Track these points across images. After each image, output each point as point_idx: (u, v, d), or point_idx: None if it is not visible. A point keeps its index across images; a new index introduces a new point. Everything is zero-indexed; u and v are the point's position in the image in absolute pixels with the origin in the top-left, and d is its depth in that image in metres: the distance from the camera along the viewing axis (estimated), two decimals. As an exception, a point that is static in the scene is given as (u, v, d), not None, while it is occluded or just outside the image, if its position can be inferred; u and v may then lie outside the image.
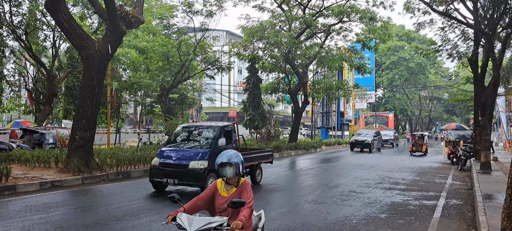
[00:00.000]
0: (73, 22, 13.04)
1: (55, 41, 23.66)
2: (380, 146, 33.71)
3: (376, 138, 32.73)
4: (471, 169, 16.26)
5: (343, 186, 12.32)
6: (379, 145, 33.38)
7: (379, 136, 34.25)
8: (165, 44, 26.06)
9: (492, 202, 8.91)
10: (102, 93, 15.75)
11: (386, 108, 70.36)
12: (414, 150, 26.72)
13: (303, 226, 7.24)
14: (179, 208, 3.69)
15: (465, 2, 17.42)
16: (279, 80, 31.25)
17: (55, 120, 33.06)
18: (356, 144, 31.52)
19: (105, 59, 13.58)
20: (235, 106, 58.96)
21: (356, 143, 31.55)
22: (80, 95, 13.80)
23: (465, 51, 20.45)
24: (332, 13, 27.26)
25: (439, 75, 76.76)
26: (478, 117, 18.77)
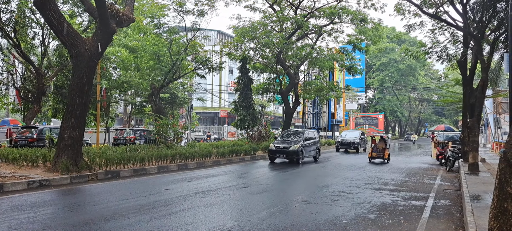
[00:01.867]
0: (63, 20, 12.91)
1: (44, 39, 23.40)
2: (365, 146, 33.17)
3: (363, 138, 32.60)
4: (459, 170, 16.43)
5: (333, 186, 12.36)
6: (365, 145, 32.91)
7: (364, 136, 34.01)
8: (156, 43, 25.91)
9: (480, 202, 9.01)
10: (92, 92, 15.62)
11: (376, 110, 70.88)
12: (374, 155, 21.95)
13: (293, 226, 7.25)
14: None
15: (454, 4, 17.62)
16: (270, 81, 31.27)
17: (43, 118, 32.68)
18: (342, 144, 31.00)
19: (95, 57, 13.46)
20: (226, 106, 58.90)
21: (342, 143, 31.06)
22: (69, 94, 13.67)
23: (455, 54, 20.67)
24: (323, 14, 27.35)
25: (429, 77, 77.54)
26: (466, 119, 18.99)
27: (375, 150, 22.11)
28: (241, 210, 8.64)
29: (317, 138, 23.22)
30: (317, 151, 22.14)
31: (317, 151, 22.14)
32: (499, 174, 4.83)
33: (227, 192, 10.98)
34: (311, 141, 21.73)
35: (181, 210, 8.42)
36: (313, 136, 22.53)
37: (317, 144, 22.48)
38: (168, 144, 20.08)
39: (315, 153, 21.91)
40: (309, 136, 21.89)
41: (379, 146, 22.21)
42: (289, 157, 19.84)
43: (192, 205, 9.02)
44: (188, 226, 7.10)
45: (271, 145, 20.64)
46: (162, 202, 9.30)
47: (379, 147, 22.18)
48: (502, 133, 30.43)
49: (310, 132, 22.76)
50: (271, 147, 20.55)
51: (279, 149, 20.06)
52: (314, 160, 21.64)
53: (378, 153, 21.88)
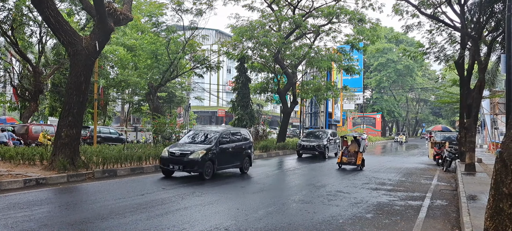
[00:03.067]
0: (61, 18, 12.87)
1: (41, 37, 23.36)
2: (338, 149, 24.21)
3: (333, 139, 25.28)
4: (456, 170, 16.48)
5: (330, 186, 12.38)
6: (337, 148, 24.74)
7: (335, 137, 26.05)
8: (153, 42, 25.89)
9: (476, 202, 9.04)
10: (89, 91, 15.59)
11: (373, 110, 70.94)
12: (344, 160, 17.76)
13: (290, 226, 7.26)
14: None
15: (452, 5, 17.66)
16: (268, 80, 31.26)
17: (41, 117, 32.62)
18: (304, 148, 23.60)
19: (93, 56, 13.43)
20: (224, 105, 58.87)
21: (304, 147, 23.59)
22: (66, 92, 13.63)
23: (452, 54, 20.74)
24: (321, 14, 27.37)
25: (426, 77, 77.68)
26: (463, 119, 19.04)
27: (346, 153, 17.96)
28: (238, 209, 8.65)
29: (247, 138, 15.73)
30: (245, 157, 15.04)
31: (245, 157, 15.04)
32: (495, 174, 4.85)
33: (224, 191, 10.98)
34: (231, 145, 14.47)
35: (178, 209, 8.42)
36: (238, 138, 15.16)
37: (247, 148, 15.26)
38: (165, 143, 20.06)
39: (241, 161, 14.84)
40: (227, 136, 14.68)
41: (351, 149, 17.99)
42: (186, 170, 12.97)
43: (189, 204, 9.02)
44: (185, 225, 7.10)
45: (165, 151, 13.72)
46: (159, 201, 9.29)
47: (351, 150, 18.00)
48: (498, 133, 30.54)
49: (228, 131, 15.16)
50: (164, 153, 13.63)
51: (174, 157, 13.14)
52: (241, 172, 14.99)
53: (350, 157, 17.71)
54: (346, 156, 17.85)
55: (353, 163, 17.42)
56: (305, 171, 16.99)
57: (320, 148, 23.21)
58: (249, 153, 15.37)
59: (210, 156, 13.09)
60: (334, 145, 25.16)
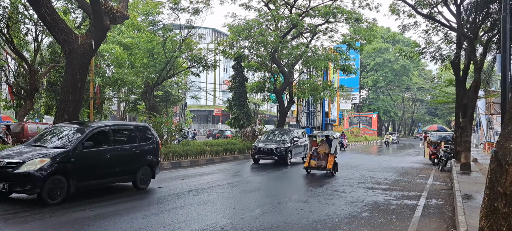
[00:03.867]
0: (56, 16, 12.83)
1: (37, 35, 23.23)
2: (305, 153, 20.15)
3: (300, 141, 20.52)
4: (451, 169, 16.54)
5: (326, 185, 12.40)
6: (304, 152, 20.39)
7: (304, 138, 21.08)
8: (150, 40, 25.81)
9: (471, 202, 9.08)
10: (85, 89, 15.54)
11: (370, 109, 71.11)
12: (313, 165, 15.01)
13: (286, 225, 7.26)
14: None
15: (448, 5, 17.71)
16: (265, 80, 31.25)
17: (36, 115, 32.48)
18: (260, 152, 18.96)
19: (89, 54, 13.39)
20: (220, 104, 58.83)
21: (260, 151, 18.95)
22: (62, 90, 13.58)
23: (448, 54, 20.78)
24: (318, 14, 27.36)
25: (422, 77, 77.95)
26: (459, 119, 19.11)
27: (315, 156, 15.12)
28: (234, 208, 8.65)
29: (147, 137, 11.25)
30: (142, 167, 10.68)
31: (142, 167, 10.68)
32: (490, 173, 4.87)
33: (220, 190, 10.98)
34: (113, 148, 10.07)
35: (174, 208, 8.41)
36: (128, 137, 10.82)
37: (147, 153, 10.92)
38: (161, 142, 20.00)
39: (134, 172, 10.44)
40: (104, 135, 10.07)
41: (320, 151, 15.19)
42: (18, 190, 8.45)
43: (185, 203, 9.01)
44: (181, 224, 7.09)
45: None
46: (155, 199, 9.28)
47: (320, 152, 15.14)
48: (494, 133, 30.69)
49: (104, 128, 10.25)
50: None
51: None
52: (134, 187, 10.59)
53: (319, 160, 14.91)
54: (315, 159, 15.04)
55: (323, 167, 14.66)
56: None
57: (280, 151, 18.47)
58: (152, 160, 11.04)
59: (56, 167, 8.50)
60: (301, 148, 20.33)
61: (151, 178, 11.06)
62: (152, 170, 11.11)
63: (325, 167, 14.74)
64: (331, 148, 15.02)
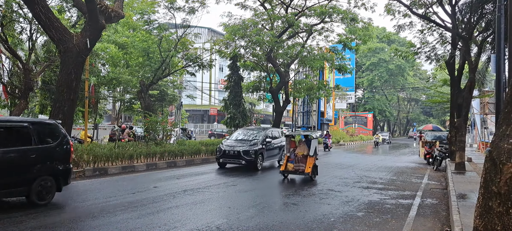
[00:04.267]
0: (51, 15, 12.77)
1: (32, 34, 23.05)
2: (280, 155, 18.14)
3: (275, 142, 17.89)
4: (446, 169, 16.62)
5: (321, 184, 12.42)
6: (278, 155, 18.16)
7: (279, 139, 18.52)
8: (145, 40, 25.72)
9: (466, 201, 9.13)
10: (80, 89, 15.46)
11: (365, 109, 71.35)
12: (290, 168, 13.43)
13: (282, 224, 7.27)
14: None
15: (443, 6, 17.79)
16: (261, 79, 31.24)
17: (31, 114, 32.24)
18: (225, 155, 16.34)
19: (84, 53, 13.34)
20: (216, 104, 58.78)
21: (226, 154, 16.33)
22: (57, 90, 13.52)
23: (443, 54, 20.89)
24: (314, 13, 27.40)
25: (418, 77, 78.29)
26: (454, 119, 19.21)
27: (293, 159, 13.52)
28: (229, 208, 8.64)
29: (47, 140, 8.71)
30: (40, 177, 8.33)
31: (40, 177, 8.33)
32: (484, 173, 4.90)
33: (216, 189, 10.97)
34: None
35: (169, 208, 8.39)
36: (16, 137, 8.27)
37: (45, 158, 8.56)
38: (157, 141, 19.97)
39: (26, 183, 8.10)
40: None
41: (298, 153, 13.63)
42: None
43: (181, 202, 9.00)
44: (176, 224, 7.08)
45: None
46: (150, 199, 9.25)
47: (298, 154, 13.58)
48: (488, 133, 30.85)
49: None
50: None
51: None
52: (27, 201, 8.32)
53: (297, 163, 13.35)
54: (292, 162, 13.45)
55: (301, 171, 13.09)
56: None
57: (248, 155, 15.81)
58: (57, 167, 8.69)
59: None
60: (275, 151, 17.81)
61: (55, 191, 8.61)
62: (56, 180, 8.58)
63: (303, 170, 13.03)
64: (310, 149, 13.41)
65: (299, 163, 13.41)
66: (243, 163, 16.04)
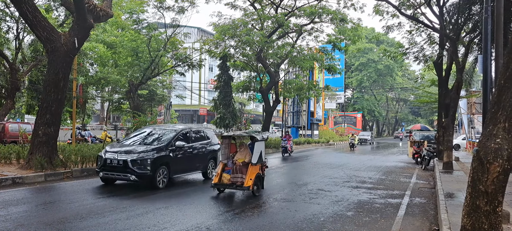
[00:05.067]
0: (38, 13, 12.60)
1: (18, 33, 22.77)
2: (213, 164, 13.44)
3: (183, 146, 12.09)
4: (434, 168, 16.79)
5: (311, 184, 12.45)
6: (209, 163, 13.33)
7: (195, 143, 12.97)
8: (134, 39, 25.56)
9: (454, 200, 9.22)
10: (68, 88, 15.29)
11: (354, 109, 71.80)
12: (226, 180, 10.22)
13: (272, 224, 7.27)
14: None
15: (431, 7, 17.97)
16: (251, 79, 31.27)
17: (17, 114, 31.86)
18: (110, 167, 10.97)
19: (71, 53, 13.18)
20: (206, 104, 58.63)
21: (106, 166, 11.01)
22: (44, 89, 13.35)
23: (431, 55, 21.09)
24: (304, 13, 27.50)
25: (406, 77, 78.97)
26: (441, 118, 19.41)
27: (231, 167, 10.35)
28: (219, 209, 8.62)
29: None
30: None
31: None
32: (472, 172, 4.95)
33: (206, 190, 10.92)
34: None
35: (158, 208, 8.33)
36: None
37: None
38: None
39: None
40: None
41: (238, 160, 10.41)
42: None
43: (170, 203, 8.94)
44: (165, 224, 7.03)
45: None
46: (140, 200, 9.18)
47: (238, 162, 10.33)
48: (475, 132, 31.24)
49: None
50: None
51: None
52: None
53: (235, 174, 10.12)
54: (230, 172, 10.18)
55: (239, 185, 9.84)
56: (287, 169, 16.95)
57: (140, 166, 10.66)
58: None
59: None
60: (198, 158, 12.78)
61: None
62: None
63: (241, 183, 9.81)
64: (253, 155, 10.11)
65: (238, 173, 10.08)
66: (132, 179, 10.57)
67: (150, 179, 10.69)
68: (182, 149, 11.92)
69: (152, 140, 11.96)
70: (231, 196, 10.14)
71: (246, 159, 10.35)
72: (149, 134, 12.50)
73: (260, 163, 10.25)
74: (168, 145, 11.49)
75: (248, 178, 9.82)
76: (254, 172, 9.96)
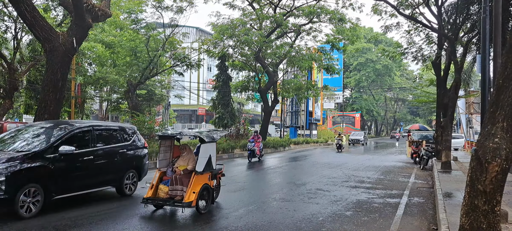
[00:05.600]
0: (37, 13, 12.57)
1: (16, 33, 22.72)
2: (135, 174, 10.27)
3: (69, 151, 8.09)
4: (432, 168, 16.80)
5: (310, 184, 12.46)
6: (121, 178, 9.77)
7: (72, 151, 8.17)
8: (133, 39, 25.52)
9: (452, 200, 9.24)
10: (66, 88, 15.28)
11: (353, 109, 71.85)
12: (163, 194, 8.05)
13: (271, 224, 7.27)
14: None
15: (430, 6, 18.00)
16: (249, 79, 31.28)
17: (15, 114, 31.79)
18: None
19: (70, 52, 13.16)
20: (204, 104, 58.61)
21: None
22: (42, 89, 13.33)
23: (429, 54, 21.12)
24: (302, 13, 27.53)
25: (404, 77, 79.05)
26: (440, 118, 19.43)
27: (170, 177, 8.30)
28: (218, 208, 8.62)
29: None
30: None
31: None
32: (470, 172, 4.96)
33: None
34: None
35: (155, 209, 8.32)
36: None
37: None
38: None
39: None
40: None
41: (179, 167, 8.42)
42: None
43: (169, 203, 8.92)
44: (164, 224, 7.01)
45: None
46: (138, 200, 9.17)
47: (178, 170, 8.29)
48: (473, 132, 31.31)
49: None
50: None
51: None
52: None
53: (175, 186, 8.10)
54: (167, 182, 8.18)
55: (179, 200, 7.79)
56: (286, 169, 16.92)
57: None
58: None
59: None
60: (94, 169, 8.96)
61: None
62: None
63: (181, 198, 7.81)
64: (198, 161, 7.98)
65: (178, 184, 8.00)
66: None
67: (5, 204, 7.03)
68: (71, 156, 8.22)
69: (18, 145, 8.19)
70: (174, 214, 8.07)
71: (189, 166, 8.20)
72: (18, 136, 8.69)
73: (209, 171, 8.22)
74: (44, 152, 7.80)
75: (190, 191, 7.60)
76: (199, 183, 7.84)
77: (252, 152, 20.05)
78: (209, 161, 8.09)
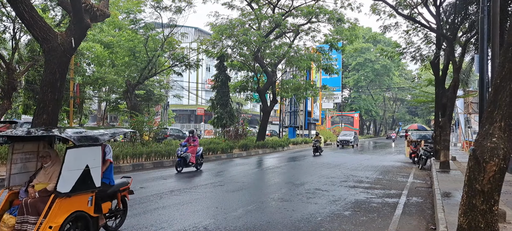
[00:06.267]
0: (35, 13, 12.56)
1: (15, 33, 22.69)
2: None
3: None
4: (431, 168, 16.83)
5: (309, 184, 12.47)
6: None
7: None
8: (131, 39, 25.51)
9: (450, 199, 9.26)
10: (65, 88, 15.27)
11: (351, 109, 71.92)
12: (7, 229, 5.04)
13: (269, 224, 7.28)
14: None
15: (428, 6, 18.03)
16: (248, 79, 31.28)
17: (14, 115, 31.70)
18: None
19: (68, 52, 13.15)
20: (203, 104, 58.56)
21: None
22: (41, 89, 13.31)
23: (428, 54, 21.16)
24: (301, 13, 27.54)
25: (403, 77, 79.15)
26: (438, 118, 19.47)
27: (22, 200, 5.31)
28: (217, 208, 8.62)
29: None
30: None
31: None
32: (468, 171, 4.97)
33: (203, 190, 10.93)
34: None
35: (156, 208, 8.33)
36: None
37: None
38: (143, 142, 19.82)
39: None
40: None
41: (36, 186, 5.48)
42: None
43: (168, 203, 8.94)
44: (163, 224, 7.03)
45: None
46: (137, 200, 9.17)
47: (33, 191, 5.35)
48: (472, 132, 31.36)
49: None
50: None
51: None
52: None
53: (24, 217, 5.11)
54: (14, 210, 5.41)
55: None
56: (285, 169, 16.94)
57: None
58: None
59: None
60: None
61: None
62: None
63: None
64: (61, 174, 5.14)
65: (30, 212, 5.21)
66: None
67: None
68: None
69: None
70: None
71: (49, 185, 5.43)
72: None
73: (88, 190, 5.44)
74: None
75: (46, 226, 4.87)
76: (63, 211, 5.10)
77: (183, 160, 14.85)
78: (85, 175, 5.32)
